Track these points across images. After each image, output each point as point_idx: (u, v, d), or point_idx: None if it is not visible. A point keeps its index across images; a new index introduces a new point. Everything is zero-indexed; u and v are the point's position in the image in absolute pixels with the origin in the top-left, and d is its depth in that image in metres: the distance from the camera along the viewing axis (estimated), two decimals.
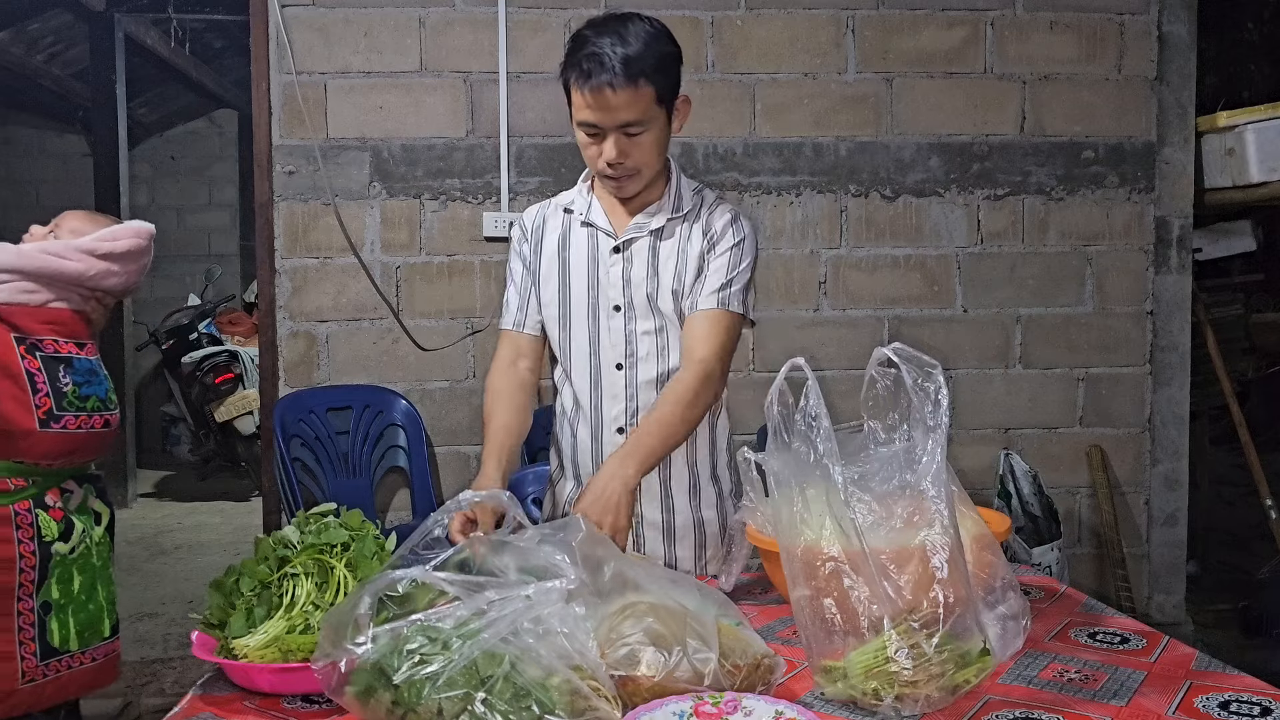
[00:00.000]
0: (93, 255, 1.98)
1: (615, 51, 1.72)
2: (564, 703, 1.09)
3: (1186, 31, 3.72)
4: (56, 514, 1.92)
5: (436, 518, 1.27)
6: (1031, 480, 3.67)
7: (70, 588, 1.93)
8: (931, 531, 1.22)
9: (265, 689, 1.33)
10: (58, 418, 1.89)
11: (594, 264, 1.92)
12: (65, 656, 1.92)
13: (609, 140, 1.78)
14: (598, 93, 1.72)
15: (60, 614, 1.91)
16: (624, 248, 1.91)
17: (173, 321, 6.98)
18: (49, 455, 1.91)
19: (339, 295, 3.58)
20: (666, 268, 1.90)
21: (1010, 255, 3.73)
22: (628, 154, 1.79)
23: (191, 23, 6.36)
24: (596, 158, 1.82)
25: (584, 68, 1.73)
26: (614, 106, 1.73)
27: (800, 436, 1.28)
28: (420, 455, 3.57)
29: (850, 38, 3.64)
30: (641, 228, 1.91)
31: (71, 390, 1.92)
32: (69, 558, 1.93)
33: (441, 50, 3.56)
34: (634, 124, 1.76)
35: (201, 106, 8.22)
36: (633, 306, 1.91)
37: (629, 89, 1.72)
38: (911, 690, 1.17)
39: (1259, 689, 1.29)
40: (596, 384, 1.94)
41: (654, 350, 1.92)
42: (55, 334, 1.94)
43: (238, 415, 6.38)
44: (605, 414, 1.94)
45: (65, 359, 1.94)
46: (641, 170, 1.83)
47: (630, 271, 1.91)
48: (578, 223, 1.95)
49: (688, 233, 1.92)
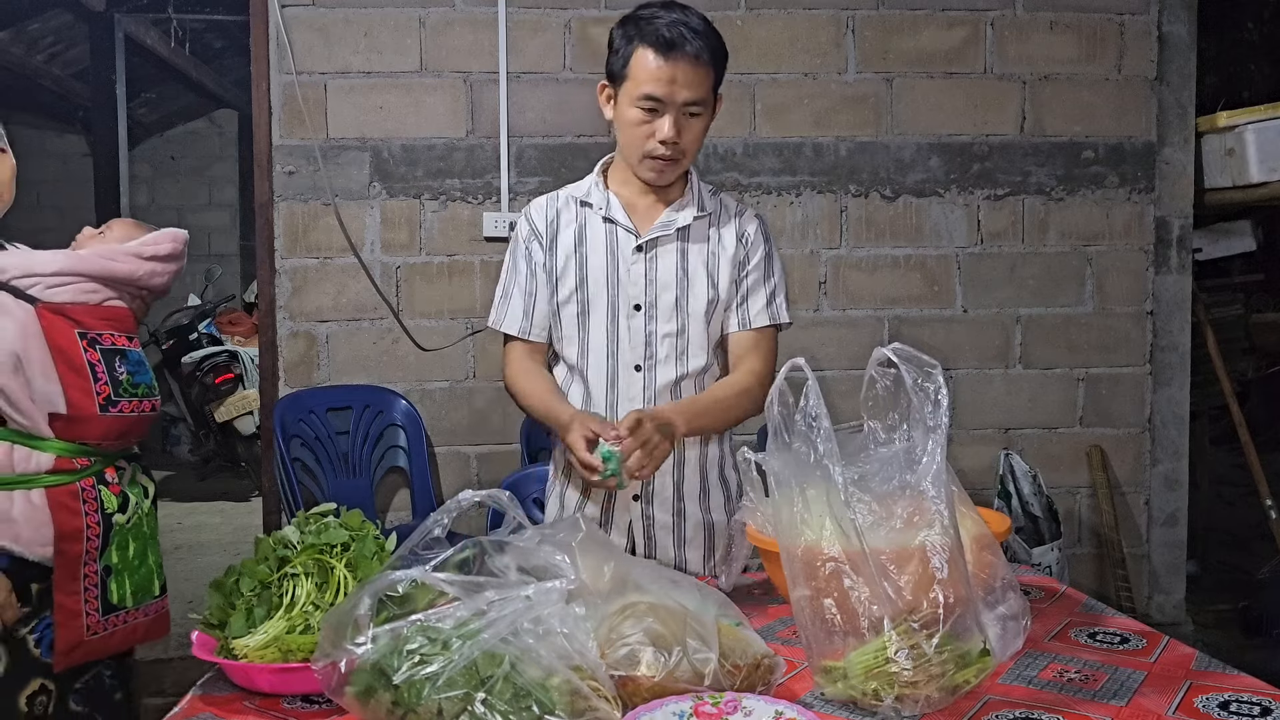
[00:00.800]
0: (140, 258, 2.19)
1: (692, 27, 1.74)
2: (564, 703, 1.09)
3: (1186, 31, 3.72)
4: (115, 489, 2.13)
5: (436, 518, 1.27)
6: (1031, 480, 3.67)
7: (126, 554, 2.14)
8: (932, 532, 1.22)
9: (265, 689, 1.33)
10: (115, 403, 2.09)
11: (614, 261, 1.88)
12: (122, 612, 2.13)
13: (667, 118, 1.76)
14: (676, 64, 1.73)
15: (119, 576, 2.13)
16: (647, 247, 1.88)
17: (173, 321, 6.98)
18: (108, 437, 2.10)
19: (339, 295, 3.58)
20: (698, 272, 1.88)
21: (1010, 255, 3.73)
22: (681, 134, 1.78)
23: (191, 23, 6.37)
24: (647, 137, 1.79)
25: (666, 36, 1.72)
26: (685, 82, 1.74)
27: (800, 437, 1.27)
28: (420, 455, 3.57)
29: (850, 38, 3.64)
30: (667, 226, 1.88)
31: (126, 379, 2.13)
32: (125, 527, 2.15)
33: (441, 50, 3.56)
34: (695, 104, 1.77)
35: (201, 106, 8.23)
36: (655, 307, 1.88)
37: (703, 66, 1.75)
38: (911, 691, 1.17)
39: (1259, 689, 1.29)
40: (613, 385, 1.90)
41: (673, 353, 1.89)
42: (111, 329, 2.14)
43: (238, 415, 6.38)
44: (620, 415, 1.88)
45: (121, 351, 2.14)
46: (686, 155, 1.82)
47: (655, 271, 1.88)
48: (596, 217, 1.90)
49: (718, 237, 1.91)
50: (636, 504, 1.93)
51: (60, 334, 2.03)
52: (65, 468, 2.03)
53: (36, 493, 2.00)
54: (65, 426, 2.02)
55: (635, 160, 1.85)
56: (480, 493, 1.44)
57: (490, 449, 3.64)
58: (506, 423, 3.60)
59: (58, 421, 2.01)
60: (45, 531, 2.00)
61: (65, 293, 2.07)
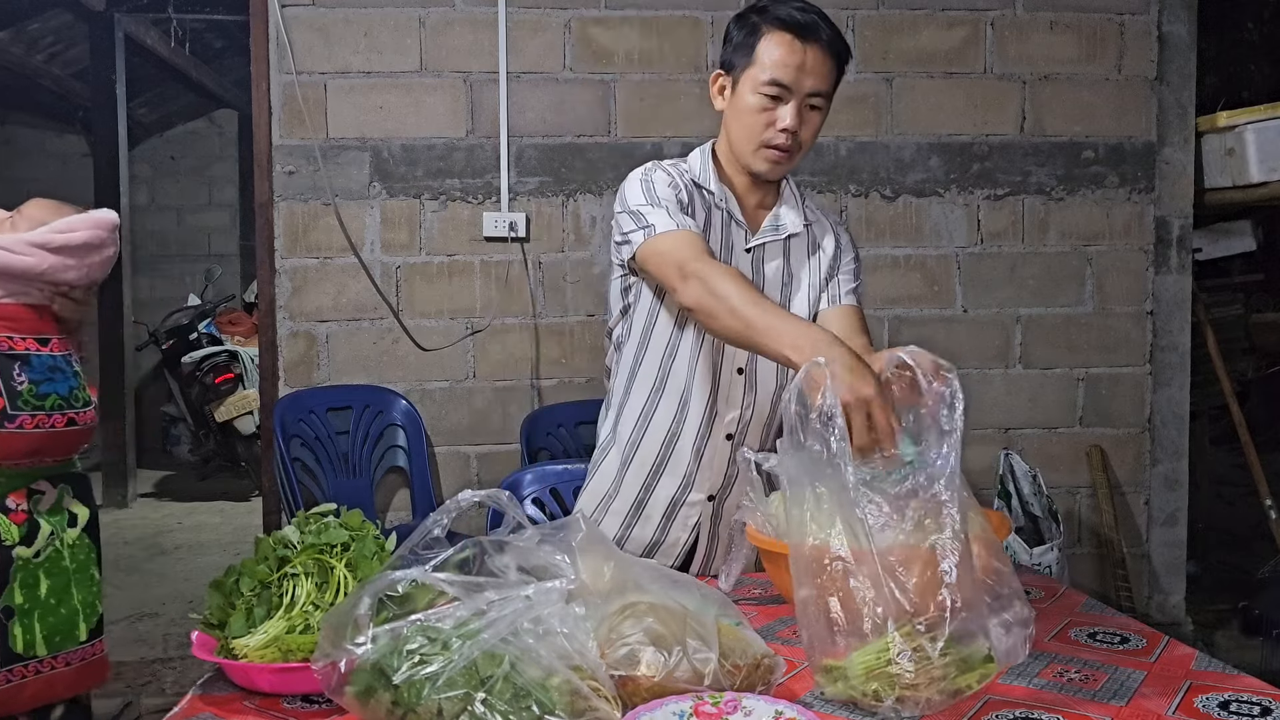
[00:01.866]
0: (45, 249, 1.87)
1: (822, 20, 1.73)
2: (564, 703, 1.09)
3: (1186, 31, 3.72)
4: (18, 517, 1.86)
5: (436, 518, 1.27)
6: (1031, 480, 3.67)
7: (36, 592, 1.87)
8: (942, 535, 1.22)
9: (265, 689, 1.33)
10: (12, 417, 1.82)
11: (728, 255, 1.83)
12: (32, 661, 1.87)
13: (790, 106, 1.72)
14: (808, 48, 1.71)
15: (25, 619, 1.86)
16: (756, 250, 1.86)
17: (173, 321, 6.98)
18: (8, 455, 1.85)
19: (339, 295, 3.58)
20: (800, 280, 1.87)
21: (1010, 255, 3.73)
22: (801, 126, 1.75)
23: (191, 23, 6.36)
24: (767, 125, 1.74)
25: (800, 20, 1.70)
26: (813, 70, 1.72)
27: (815, 435, 1.28)
28: (420, 455, 3.57)
29: (850, 38, 3.63)
30: (776, 230, 1.86)
31: (27, 389, 1.85)
32: (34, 561, 1.88)
33: (441, 50, 3.56)
34: (820, 95, 1.75)
35: (201, 106, 8.23)
36: None
37: (833, 57, 1.74)
38: (912, 693, 1.17)
39: (1259, 689, 1.29)
40: (714, 386, 1.84)
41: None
42: (11, 330, 1.87)
43: (238, 415, 6.38)
44: (720, 419, 1.84)
45: (21, 356, 1.86)
46: (803, 148, 1.79)
47: (763, 275, 1.85)
48: (717, 207, 1.84)
49: (819, 251, 1.91)
50: (710, 504, 1.91)
51: None
52: None
53: None
54: None
55: (750, 150, 1.79)
56: (480, 493, 1.43)
57: (490, 449, 3.64)
58: (506, 423, 3.60)
59: None
60: None
61: None
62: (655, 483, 1.91)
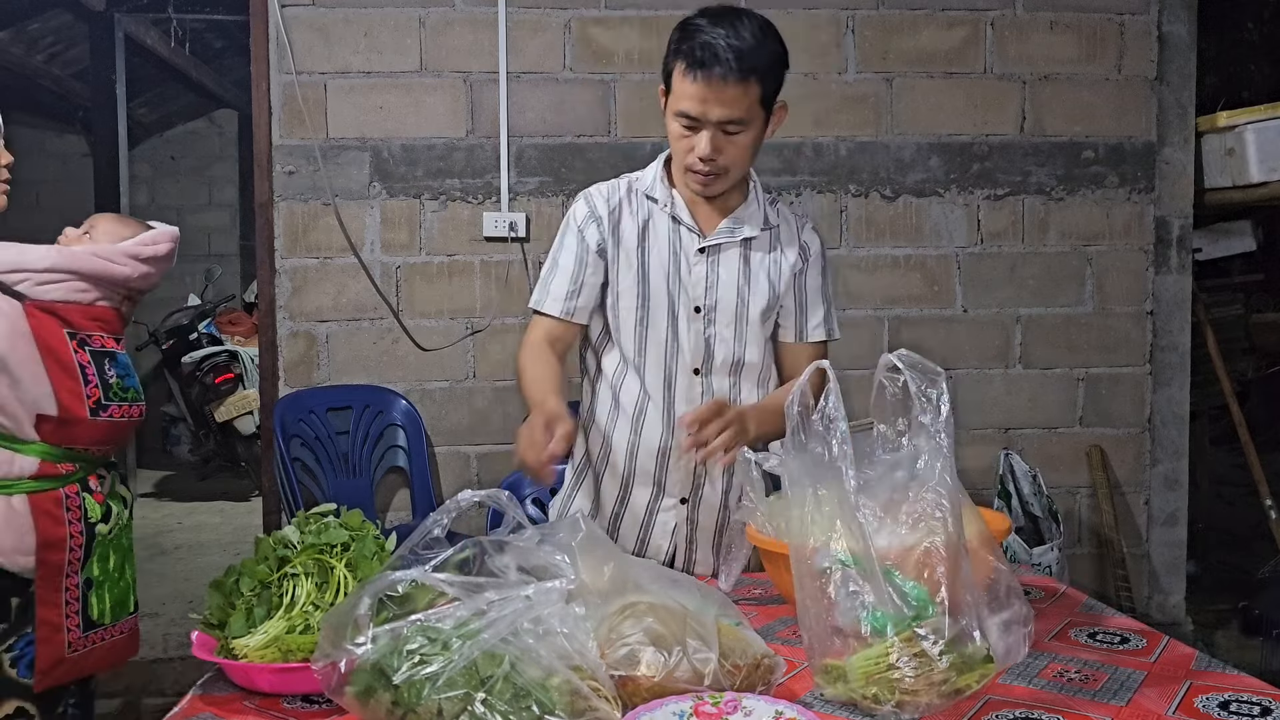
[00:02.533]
0: (136, 259, 2.11)
1: (730, 43, 1.67)
2: (564, 703, 1.09)
3: (1186, 31, 3.72)
4: (99, 497, 2.06)
5: (436, 518, 1.27)
6: (1031, 480, 3.67)
7: (107, 566, 2.07)
8: (936, 538, 1.22)
9: (265, 689, 1.33)
10: (105, 407, 2.03)
11: (676, 261, 1.86)
12: (101, 629, 2.06)
13: (704, 135, 1.73)
14: (708, 83, 1.68)
15: (99, 590, 2.05)
16: (711, 251, 1.87)
17: (173, 321, 6.97)
18: (96, 442, 2.04)
19: (339, 295, 3.58)
20: (759, 281, 1.88)
21: (1010, 255, 3.73)
22: (721, 152, 1.74)
23: (191, 23, 6.36)
24: (687, 151, 1.76)
25: (697, 55, 1.68)
26: (720, 100, 1.69)
27: (817, 438, 1.28)
28: (420, 455, 3.57)
29: (850, 38, 3.64)
30: (732, 233, 1.87)
31: (116, 382, 2.07)
32: (107, 538, 2.07)
33: (441, 50, 3.56)
34: (734, 122, 1.72)
35: (201, 106, 8.22)
36: (714, 310, 1.86)
37: (739, 84, 1.69)
38: (912, 698, 1.17)
39: (1259, 689, 1.29)
40: (670, 386, 1.88)
41: (730, 357, 1.88)
42: (101, 330, 2.07)
43: (238, 415, 6.37)
44: (676, 415, 1.86)
45: (110, 353, 2.08)
46: (730, 171, 1.79)
47: (717, 277, 1.86)
48: (661, 213, 1.87)
49: (780, 248, 1.91)
50: (684, 507, 1.92)
51: (50, 333, 1.96)
52: (49, 473, 1.96)
53: (18, 499, 1.92)
54: (54, 430, 1.95)
55: (680, 172, 1.84)
56: (480, 493, 1.43)
57: (490, 449, 3.64)
58: (506, 423, 3.60)
59: (46, 424, 1.94)
60: (28, 540, 1.92)
61: (56, 291, 1.99)
62: (628, 495, 1.94)
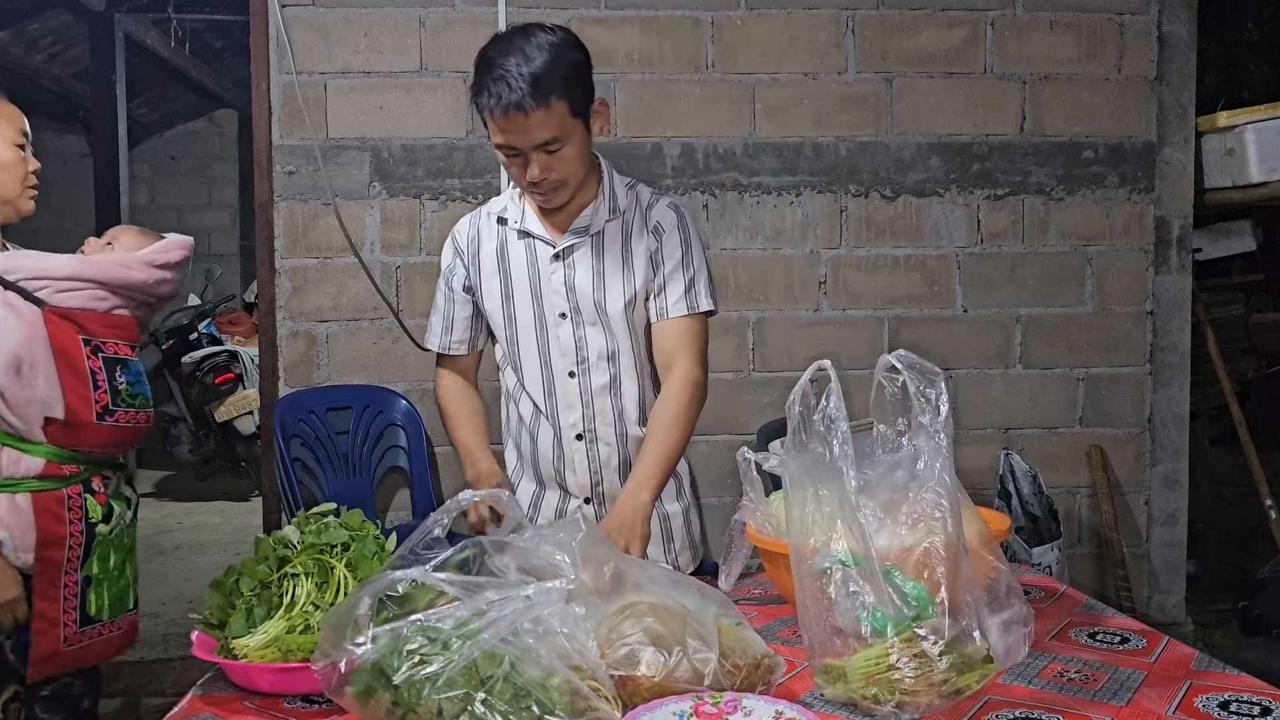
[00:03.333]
0: (152, 265, 2.19)
1: (521, 71, 1.65)
2: (564, 703, 1.09)
3: (1186, 31, 3.72)
4: (101, 498, 2.12)
5: (436, 518, 1.27)
6: (1031, 480, 3.67)
7: (107, 565, 2.13)
8: (936, 538, 1.22)
9: (265, 689, 1.33)
10: (112, 412, 2.08)
11: (535, 272, 1.91)
12: (99, 625, 2.12)
13: (530, 160, 1.73)
14: (509, 116, 1.67)
15: (98, 588, 2.11)
16: (564, 255, 1.90)
17: (173, 321, 6.97)
18: (101, 445, 2.10)
19: (339, 295, 3.58)
20: (613, 273, 1.89)
21: (1010, 255, 3.73)
22: (551, 169, 1.75)
23: (191, 23, 6.37)
24: (521, 176, 1.78)
25: (492, 91, 1.67)
26: (528, 128, 1.68)
27: (818, 438, 1.28)
28: (420, 455, 3.56)
29: (850, 38, 3.64)
30: (581, 232, 1.89)
31: (126, 389, 2.12)
32: (108, 538, 2.13)
33: (441, 50, 3.56)
34: (552, 141, 1.71)
35: (201, 106, 8.23)
36: (579, 313, 1.90)
37: (540, 109, 1.67)
38: (912, 699, 1.18)
39: (1259, 689, 1.29)
40: (551, 393, 1.94)
41: (604, 355, 1.91)
42: (116, 337, 2.13)
43: (238, 415, 6.38)
44: (563, 421, 1.94)
45: (123, 360, 2.14)
46: (567, 181, 1.80)
47: (574, 278, 1.89)
48: (514, 232, 1.93)
49: (629, 233, 1.91)
50: (589, 506, 1.97)
51: (65, 338, 2.02)
52: (53, 473, 2.02)
53: (22, 497, 1.98)
54: (60, 432, 2.01)
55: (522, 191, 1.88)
56: (480, 493, 1.44)
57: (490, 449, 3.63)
58: None
59: (53, 426, 2.00)
60: (28, 537, 1.98)
61: (75, 298, 2.06)
62: (540, 499, 2.02)
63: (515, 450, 2.05)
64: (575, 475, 1.96)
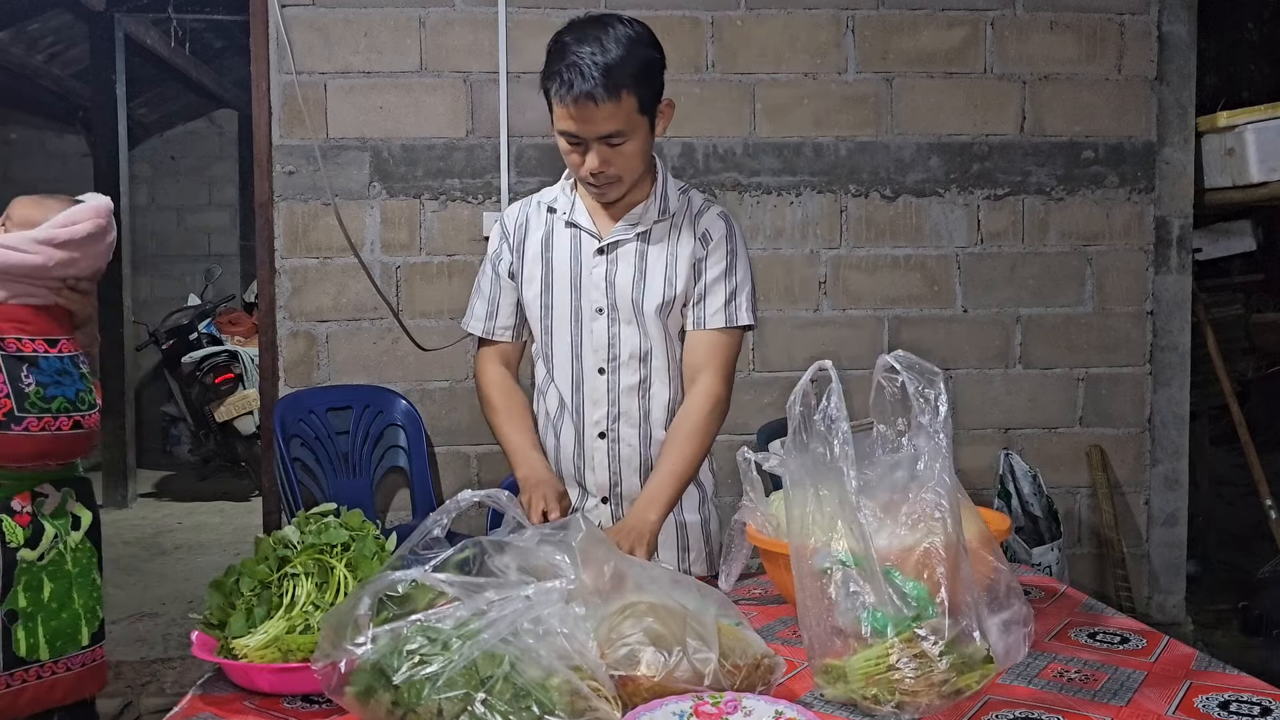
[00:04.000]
0: (51, 245, 1.87)
1: (596, 61, 1.66)
2: (564, 703, 1.09)
3: (1186, 31, 3.72)
4: (23, 519, 1.86)
5: (436, 518, 1.27)
6: (1031, 480, 3.67)
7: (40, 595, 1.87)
8: (935, 538, 1.22)
9: (265, 689, 1.33)
10: (19, 419, 1.82)
11: (577, 265, 1.90)
12: (34, 666, 1.86)
13: (591, 150, 1.74)
14: (579, 105, 1.68)
15: (28, 622, 1.86)
16: (609, 250, 1.89)
17: (173, 321, 6.98)
18: (13, 458, 1.85)
19: (339, 295, 3.58)
20: (655, 273, 1.88)
21: (1010, 255, 3.73)
22: (610, 163, 1.76)
23: (191, 23, 6.36)
24: (579, 165, 1.78)
25: (564, 78, 1.67)
26: (595, 118, 1.69)
27: (818, 438, 1.28)
28: (420, 455, 3.56)
29: (850, 38, 3.64)
30: (628, 230, 1.89)
31: (34, 391, 1.85)
32: (37, 564, 1.87)
33: (441, 50, 3.56)
34: (616, 135, 1.72)
35: (201, 106, 8.22)
36: (616, 309, 1.89)
37: (611, 101, 1.68)
38: (912, 699, 1.17)
39: (1259, 689, 1.29)
40: (578, 387, 1.92)
41: (636, 355, 1.90)
42: (19, 332, 1.86)
43: (238, 415, 6.38)
44: (587, 418, 1.92)
45: (29, 358, 1.86)
46: (624, 177, 1.80)
47: (615, 274, 1.88)
48: (561, 222, 1.92)
49: (676, 237, 1.90)
50: (606, 506, 1.96)
51: None
52: None
53: None
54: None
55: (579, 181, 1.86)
56: (480, 493, 1.43)
57: (490, 449, 3.64)
58: None
59: None
60: None
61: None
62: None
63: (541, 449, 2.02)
64: (594, 474, 1.94)
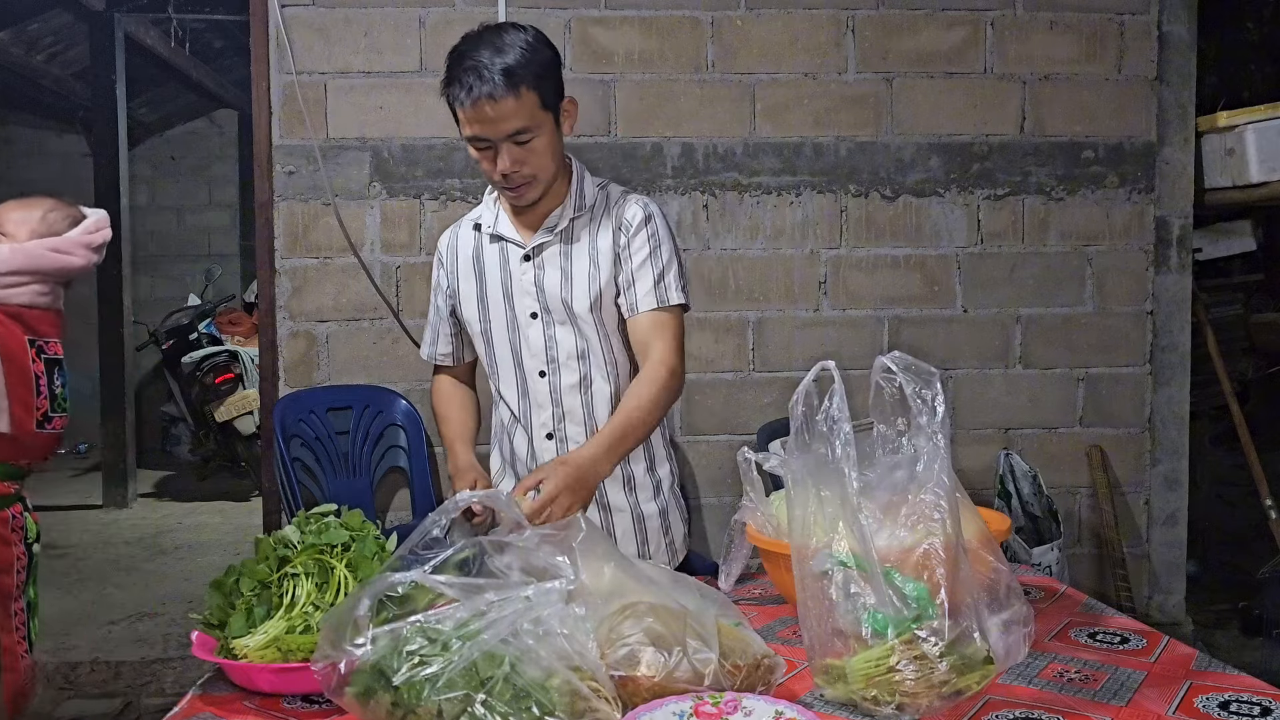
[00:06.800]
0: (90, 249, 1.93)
1: (494, 62, 1.72)
2: (564, 704, 1.09)
3: (1186, 31, 3.72)
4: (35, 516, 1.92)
5: (435, 518, 1.27)
6: (1031, 480, 3.67)
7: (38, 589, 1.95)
8: (935, 539, 1.22)
9: (265, 689, 1.33)
10: (50, 419, 1.88)
11: (507, 274, 1.94)
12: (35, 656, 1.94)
13: (501, 151, 1.77)
14: (480, 105, 1.72)
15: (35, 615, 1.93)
16: (534, 254, 1.92)
17: (173, 321, 6.98)
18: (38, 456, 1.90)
19: (339, 295, 3.58)
20: (580, 270, 1.90)
21: (1010, 255, 3.73)
22: (522, 162, 1.79)
23: (191, 23, 6.36)
24: (492, 171, 1.81)
25: (464, 81, 1.73)
26: (499, 117, 1.73)
27: (820, 438, 1.28)
28: (420, 455, 3.56)
29: (850, 38, 3.63)
30: (549, 231, 1.91)
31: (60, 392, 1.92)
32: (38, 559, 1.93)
33: (441, 50, 3.50)
34: (522, 131, 1.76)
35: (201, 106, 8.23)
36: (549, 312, 1.92)
37: (512, 97, 1.72)
38: (912, 700, 1.17)
39: (1259, 689, 1.29)
40: (524, 393, 1.96)
41: (574, 354, 1.93)
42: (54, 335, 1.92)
43: (238, 415, 6.38)
44: (534, 421, 1.96)
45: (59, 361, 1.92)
46: (538, 176, 1.83)
47: (543, 278, 1.91)
48: (488, 237, 1.97)
49: (596, 230, 1.92)
50: None
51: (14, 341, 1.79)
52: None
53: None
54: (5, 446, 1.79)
55: (495, 187, 1.89)
56: (478, 493, 1.44)
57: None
58: None
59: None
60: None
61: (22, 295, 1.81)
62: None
63: (499, 453, 2.09)
64: None
